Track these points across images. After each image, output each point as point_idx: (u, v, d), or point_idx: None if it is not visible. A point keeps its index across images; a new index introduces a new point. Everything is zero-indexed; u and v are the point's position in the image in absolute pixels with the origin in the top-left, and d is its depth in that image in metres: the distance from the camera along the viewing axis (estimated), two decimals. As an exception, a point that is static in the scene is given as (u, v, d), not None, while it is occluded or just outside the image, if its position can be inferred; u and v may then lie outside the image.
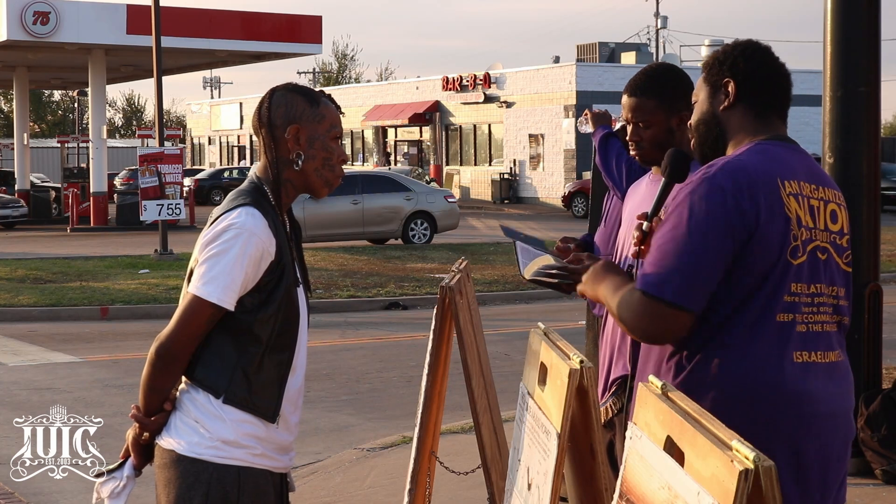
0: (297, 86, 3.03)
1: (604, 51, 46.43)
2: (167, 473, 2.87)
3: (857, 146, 5.95)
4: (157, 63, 21.40)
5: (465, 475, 4.18)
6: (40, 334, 13.04)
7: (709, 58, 2.90)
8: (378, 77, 74.47)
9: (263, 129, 2.95)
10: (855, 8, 5.84)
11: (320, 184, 2.98)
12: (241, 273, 2.80)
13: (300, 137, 2.93)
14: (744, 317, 2.59)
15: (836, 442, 2.63)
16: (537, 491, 2.27)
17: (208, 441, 2.84)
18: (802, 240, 2.62)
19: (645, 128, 3.53)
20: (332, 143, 2.97)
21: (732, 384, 2.56)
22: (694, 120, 2.88)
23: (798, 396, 2.57)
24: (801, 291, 2.61)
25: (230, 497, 2.83)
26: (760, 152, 2.69)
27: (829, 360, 2.65)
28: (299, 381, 3.00)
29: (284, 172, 2.94)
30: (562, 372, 2.20)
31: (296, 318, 2.93)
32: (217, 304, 2.80)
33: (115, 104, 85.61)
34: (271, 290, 2.86)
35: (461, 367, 3.62)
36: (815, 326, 2.63)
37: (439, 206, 23.95)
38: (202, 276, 2.81)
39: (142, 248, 22.47)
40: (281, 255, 2.88)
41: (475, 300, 4.05)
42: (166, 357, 2.84)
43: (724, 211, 2.56)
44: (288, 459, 3.02)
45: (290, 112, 2.94)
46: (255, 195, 2.91)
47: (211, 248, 2.83)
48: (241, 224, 2.83)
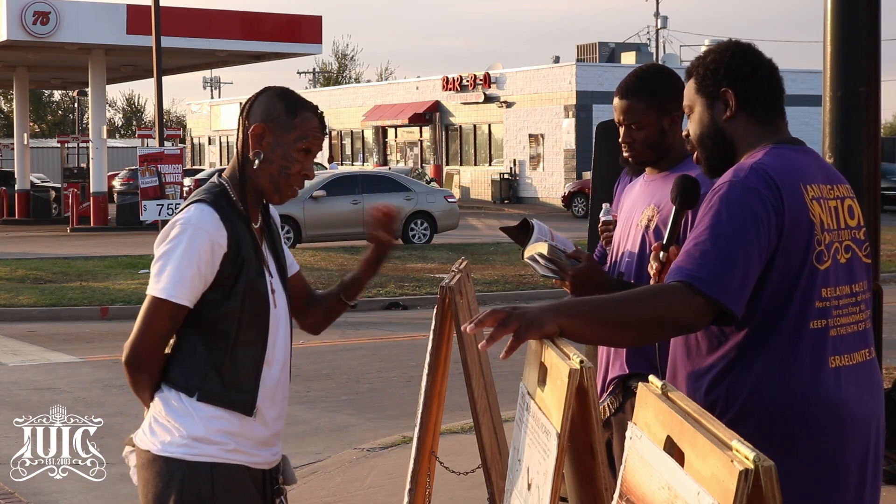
0: (287, 92, 3.05)
1: (604, 51, 46.42)
2: (144, 474, 2.91)
3: (857, 146, 5.95)
4: (157, 63, 21.41)
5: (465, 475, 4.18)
6: (40, 334, 13.05)
7: (698, 67, 2.80)
8: (378, 77, 74.52)
9: (240, 123, 3.02)
10: (855, 8, 5.84)
11: (271, 189, 3.00)
12: (191, 267, 2.84)
13: (263, 139, 2.97)
14: (779, 328, 2.54)
15: (871, 444, 2.61)
16: (537, 491, 2.27)
17: (180, 439, 2.87)
18: (826, 244, 2.58)
19: (637, 129, 3.53)
20: (297, 155, 2.98)
21: (770, 397, 2.53)
22: (697, 134, 2.80)
23: (835, 403, 2.54)
24: (831, 296, 2.58)
25: (204, 493, 2.86)
26: (778, 156, 2.64)
27: (859, 360, 2.62)
28: (276, 375, 3.01)
29: (247, 169, 3.00)
30: (562, 372, 2.20)
31: (263, 310, 2.94)
32: (169, 299, 2.83)
33: (115, 104, 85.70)
34: (232, 283, 2.89)
35: (461, 367, 3.62)
36: (845, 329, 2.61)
37: (439, 206, 23.97)
38: (154, 276, 2.87)
39: (142, 248, 22.45)
40: (238, 248, 2.90)
41: (475, 300, 4.05)
42: (134, 363, 2.89)
43: (762, 210, 2.51)
44: (270, 454, 3.02)
45: (265, 113, 2.99)
46: (212, 192, 2.96)
47: (161, 247, 2.89)
48: (187, 220, 2.87)
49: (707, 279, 2.46)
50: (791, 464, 2.49)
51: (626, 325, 2.50)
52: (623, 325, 2.50)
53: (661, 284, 2.64)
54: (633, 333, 2.54)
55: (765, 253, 2.52)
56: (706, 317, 2.49)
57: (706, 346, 2.63)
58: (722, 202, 2.55)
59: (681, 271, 2.50)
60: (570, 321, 2.42)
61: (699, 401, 2.59)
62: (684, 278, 2.48)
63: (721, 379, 2.59)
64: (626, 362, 3.51)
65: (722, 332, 2.60)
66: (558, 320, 2.40)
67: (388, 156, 50.11)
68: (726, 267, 2.48)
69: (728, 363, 2.58)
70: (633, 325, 2.50)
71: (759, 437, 2.47)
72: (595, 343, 3.48)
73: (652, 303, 2.49)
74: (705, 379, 2.61)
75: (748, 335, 2.56)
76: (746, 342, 2.57)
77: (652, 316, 2.48)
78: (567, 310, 2.45)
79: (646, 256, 3.45)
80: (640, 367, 3.42)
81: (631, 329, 2.51)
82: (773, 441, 2.51)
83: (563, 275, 3.35)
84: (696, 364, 2.64)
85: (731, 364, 2.58)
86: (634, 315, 2.49)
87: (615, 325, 2.50)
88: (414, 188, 24.17)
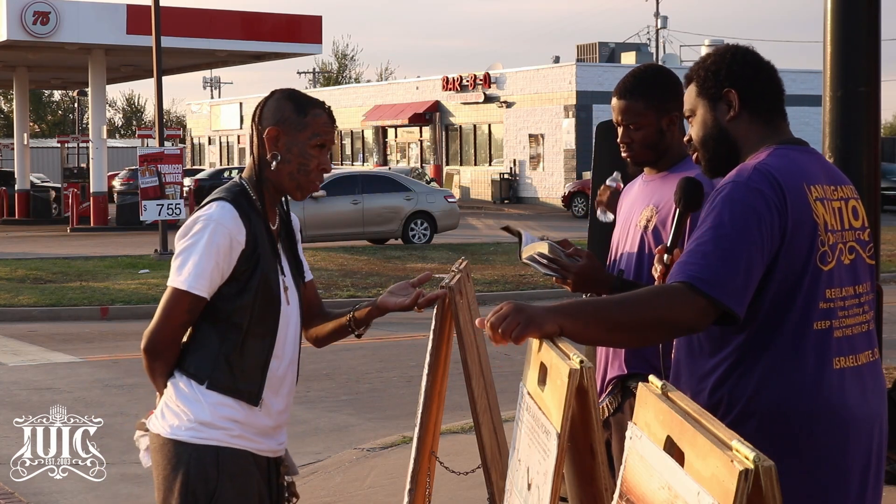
0: (293, 93, 3.18)
1: (604, 51, 46.41)
2: (156, 456, 3.07)
3: (857, 146, 5.95)
4: (157, 63, 21.40)
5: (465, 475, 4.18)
6: (40, 334, 13.04)
7: (698, 70, 2.80)
8: (378, 77, 74.51)
9: (254, 128, 3.14)
10: (855, 8, 5.84)
11: (293, 186, 3.14)
12: (211, 261, 2.97)
13: (278, 140, 3.10)
14: (782, 328, 2.54)
15: (874, 445, 2.61)
16: (537, 491, 2.27)
17: (188, 423, 3.02)
18: (830, 244, 2.58)
19: (635, 129, 3.54)
20: (313, 151, 3.12)
21: (773, 398, 2.52)
22: (699, 136, 2.80)
23: (838, 405, 2.53)
24: (836, 297, 2.57)
25: (210, 475, 2.99)
26: (782, 157, 2.63)
27: (863, 361, 2.61)
28: (283, 370, 3.14)
29: (265, 171, 3.12)
30: (562, 372, 2.20)
31: (275, 306, 3.08)
32: (189, 290, 2.98)
33: (115, 104, 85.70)
34: (247, 279, 3.02)
35: (461, 367, 3.61)
36: (851, 330, 2.60)
37: (439, 206, 23.95)
38: (176, 269, 3.01)
39: (142, 248, 22.47)
40: (255, 245, 3.03)
41: (475, 300, 4.05)
42: (152, 351, 3.04)
43: (766, 210, 2.51)
44: (275, 444, 3.16)
45: (276, 116, 3.11)
46: (232, 191, 3.09)
47: (183, 242, 3.02)
48: (209, 216, 3.01)
49: (709, 280, 2.46)
50: (793, 465, 2.49)
51: (627, 326, 2.50)
52: (624, 326, 2.50)
53: (662, 285, 2.63)
54: (634, 334, 2.53)
55: (767, 254, 2.52)
56: (708, 318, 2.48)
57: (709, 348, 2.63)
58: (725, 202, 2.54)
59: (682, 272, 2.49)
60: (570, 321, 2.42)
61: (702, 402, 2.59)
62: (686, 279, 2.47)
63: (724, 380, 2.58)
64: (624, 362, 3.51)
65: (725, 334, 2.59)
66: (558, 320, 2.40)
67: (388, 156, 50.11)
68: (728, 267, 2.47)
69: (731, 364, 2.58)
70: (634, 326, 2.49)
71: (762, 438, 2.47)
72: (596, 344, 3.48)
73: (653, 303, 2.49)
74: (709, 380, 2.61)
75: (751, 336, 2.56)
76: (749, 343, 2.56)
77: (653, 317, 2.48)
78: (567, 310, 2.45)
79: (645, 257, 3.45)
80: (639, 367, 3.43)
81: (632, 330, 2.51)
82: (776, 442, 2.50)
83: (565, 273, 3.35)
84: (699, 365, 2.64)
85: (735, 365, 2.57)
86: (635, 316, 2.48)
87: (616, 326, 2.49)
88: (414, 188, 24.16)
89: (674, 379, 2.72)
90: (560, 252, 3.37)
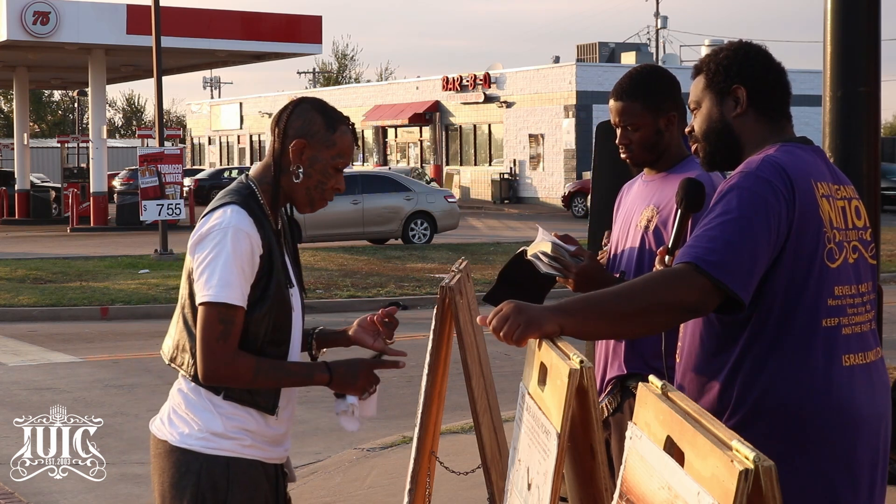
0: (323, 105, 3.06)
1: (604, 51, 46.41)
2: (161, 463, 2.98)
3: (857, 146, 5.95)
4: (157, 63, 21.40)
5: (465, 475, 4.18)
6: (40, 334, 13.04)
7: (709, 63, 2.80)
8: (378, 77, 74.50)
9: (278, 133, 3.02)
10: (855, 8, 5.84)
11: (306, 201, 3.05)
12: (238, 269, 2.87)
13: (304, 154, 3.00)
14: (790, 325, 2.53)
15: (881, 443, 2.60)
16: (537, 491, 2.27)
17: (198, 433, 2.94)
18: (836, 242, 2.57)
19: (633, 130, 3.54)
20: (333, 171, 3.03)
21: (783, 396, 2.52)
22: (702, 129, 2.80)
23: (847, 403, 2.53)
24: (844, 294, 2.57)
25: (219, 486, 2.93)
26: (788, 153, 2.64)
27: (870, 359, 2.61)
28: None
29: (282, 178, 3.02)
30: (562, 372, 2.20)
31: (288, 314, 3.00)
32: (225, 301, 2.85)
33: (115, 104, 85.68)
34: (264, 286, 2.93)
35: (461, 367, 3.61)
36: (859, 327, 2.60)
37: (439, 206, 23.96)
38: (204, 285, 2.87)
39: (142, 248, 22.46)
40: (270, 250, 2.95)
41: (475, 300, 4.05)
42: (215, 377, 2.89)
43: (775, 199, 2.50)
44: (282, 450, 3.10)
45: (306, 128, 3.00)
46: (241, 194, 2.98)
47: (204, 255, 2.89)
48: (226, 223, 2.89)
49: (714, 262, 2.45)
50: (804, 464, 2.49)
51: (631, 315, 2.48)
52: (628, 316, 2.48)
53: (664, 269, 2.63)
54: (638, 321, 2.50)
55: (774, 243, 2.51)
56: (711, 299, 2.47)
57: (717, 346, 2.62)
58: (733, 191, 2.54)
59: (687, 254, 2.49)
60: (570, 319, 2.42)
61: (711, 400, 2.58)
62: (691, 259, 2.47)
63: (733, 378, 2.57)
64: (624, 362, 3.51)
65: (733, 331, 2.59)
66: (559, 320, 2.40)
67: (388, 156, 50.12)
68: (733, 251, 2.46)
69: (740, 362, 2.57)
70: (639, 313, 2.47)
71: (771, 436, 2.47)
72: (599, 338, 3.48)
73: (653, 287, 2.48)
74: (717, 378, 2.60)
75: (760, 333, 2.55)
76: (757, 341, 2.55)
77: (656, 300, 2.46)
78: (567, 308, 2.45)
79: (646, 257, 3.45)
80: (639, 367, 3.43)
81: (634, 317, 2.48)
82: (785, 440, 2.50)
83: (567, 272, 3.36)
84: (707, 364, 2.63)
85: (743, 363, 2.56)
86: (639, 303, 2.47)
87: (620, 317, 2.48)
88: (414, 188, 24.15)
89: (681, 377, 2.71)
90: (563, 251, 3.38)
